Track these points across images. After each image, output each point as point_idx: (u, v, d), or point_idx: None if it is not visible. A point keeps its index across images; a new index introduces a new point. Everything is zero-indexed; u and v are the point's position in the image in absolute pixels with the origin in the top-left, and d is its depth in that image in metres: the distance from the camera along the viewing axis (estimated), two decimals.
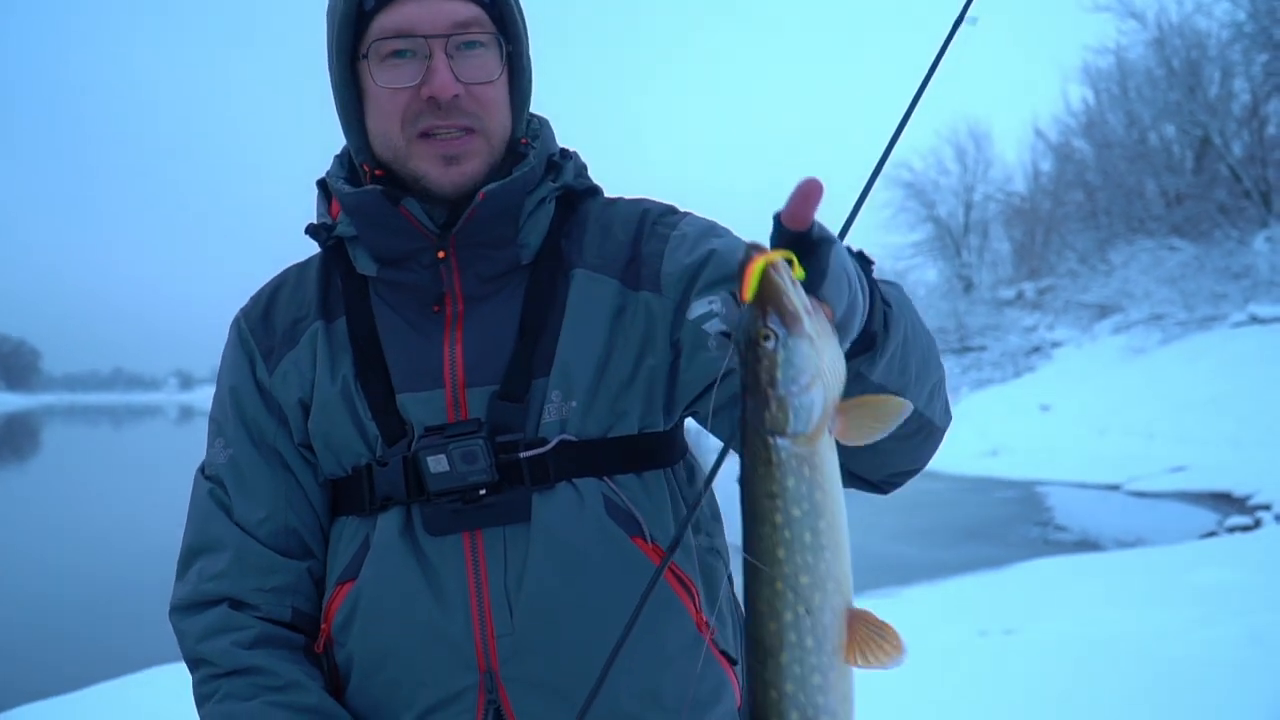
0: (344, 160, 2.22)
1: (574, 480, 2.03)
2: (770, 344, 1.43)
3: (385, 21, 2.01)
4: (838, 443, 1.56)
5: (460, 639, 1.99)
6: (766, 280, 1.42)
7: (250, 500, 2.15)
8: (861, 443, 1.50)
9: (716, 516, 2.27)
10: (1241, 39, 46.35)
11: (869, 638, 1.48)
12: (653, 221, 2.20)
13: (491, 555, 2.00)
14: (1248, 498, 19.13)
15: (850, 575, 1.50)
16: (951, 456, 28.88)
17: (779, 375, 1.43)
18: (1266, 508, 17.73)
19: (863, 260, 1.70)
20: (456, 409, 2.04)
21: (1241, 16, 45.52)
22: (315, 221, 2.23)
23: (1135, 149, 54.53)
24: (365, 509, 2.08)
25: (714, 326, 1.88)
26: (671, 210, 2.24)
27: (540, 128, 2.23)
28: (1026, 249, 69.57)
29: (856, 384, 1.69)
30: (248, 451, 2.18)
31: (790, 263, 1.45)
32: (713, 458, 2.08)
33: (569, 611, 1.99)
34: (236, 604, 2.11)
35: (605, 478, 2.06)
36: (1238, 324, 35.01)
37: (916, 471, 2.08)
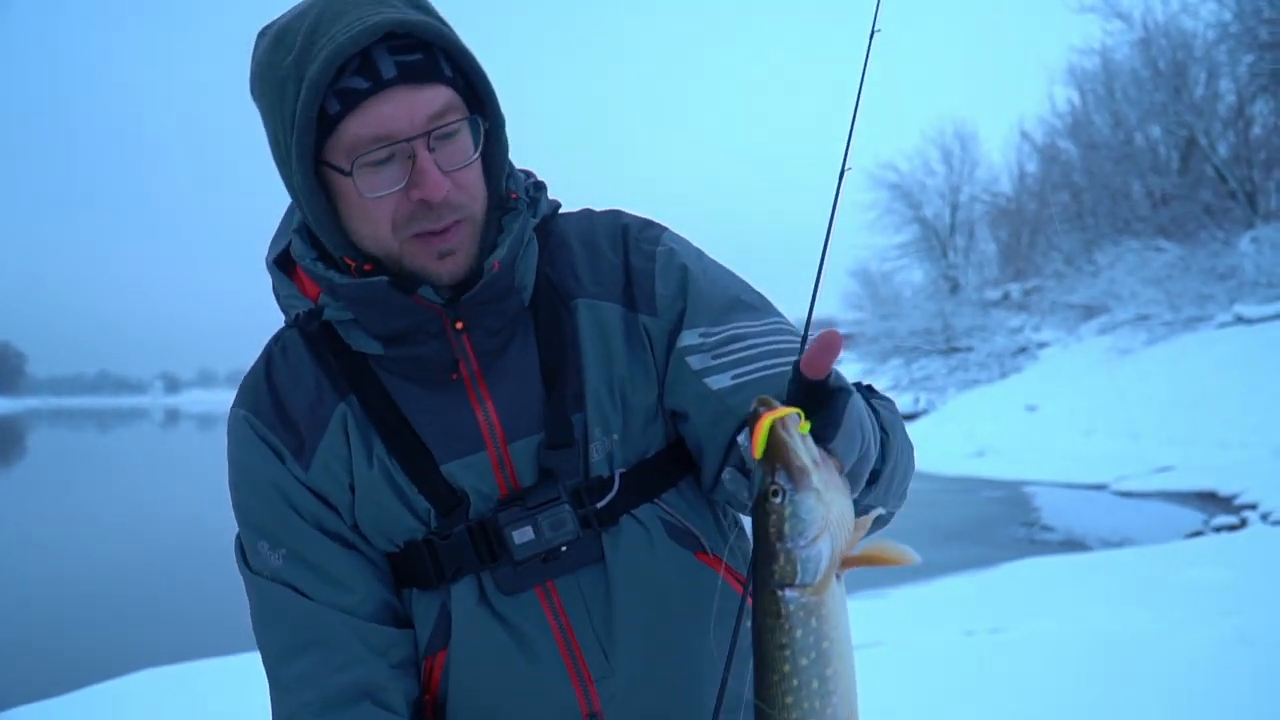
0: (305, 236, 2.07)
1: (633, 512, 2.04)
2: (778, 499, 1.46)
3: (358, 129, 1.85)
4: None
5: (559, 689, 2.00)
6: (773, 437, 1.46)
7: (336, 587, 2.04)
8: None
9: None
10: (1227, 39, 46.47)
11: None
12: (635, 236, 2.16)
13: (569, 602, 2.01)
14: (1234, 497, 19.16)
15: (857, 713, 1.54)
16: (938, 457, 28.99)
17: (786, 529, 1.47)
18: (1253, 507, 17.76)
19: (869, 389, 1.77)
20: (503, 467, 2.01)
21: (1227, 17, 45.66)
22: (282, 304, 2.11)
23: (1121, 150, 54.65)
24: (432, 582, 2.04)
25: (736, 469, 1.82)
26: (649, 224, 2.21)
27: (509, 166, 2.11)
28: (1012, 250, 69.75)
29: None
30: (314, 542, 2.06)
31: (800, 416, 1.48)
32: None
33: (663, 642, 2.01)
34: (378, 698, 2.01)
35: (655, 500, 2.07)
36: (1223, 324, 35.10)
37: None
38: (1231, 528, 16.41)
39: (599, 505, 2.00)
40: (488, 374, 2.04)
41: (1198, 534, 16.23)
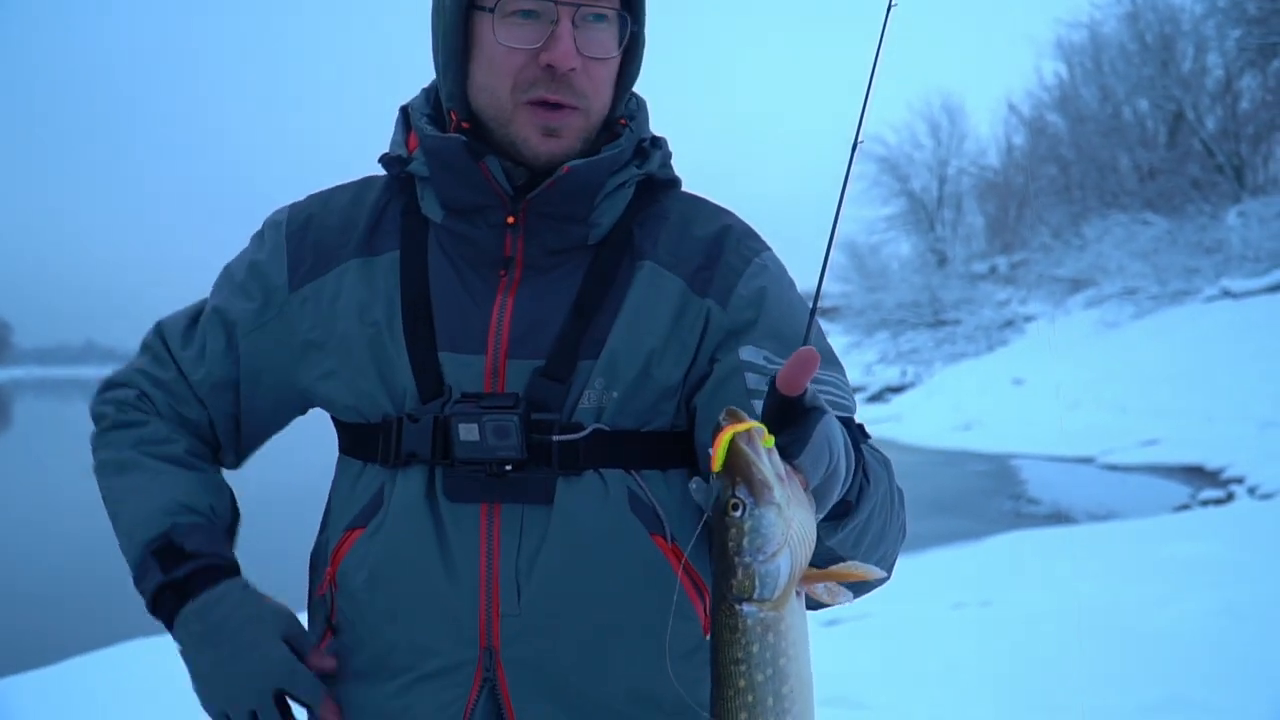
0: (430, 96, 2.16)
1: (601, 470, 2.01)
2: (738, 513, 1.44)
3: None
4: None
5: (465, 613, 1.97)
6: (734, 451, 1.44)
7: (198, 358, 2.22)
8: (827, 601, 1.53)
9: None
10: (1215, 14, 46.51)
11: None
12: (736, 239, 2.15)
13: (507, 532, 1.98)
14: (1220, 471, 19.26)
15: None
16: (925, 430, 29.05)
17: (745, 544, 1.44)
18: (1239, 481, 17.86)
19: (860, 430, 1.74)
20: (495, 378, 2.00)
21: None
22: (390, 148, 2.18)
23: (1109, 123, 54.67)
24: (389, 460, 2.04)
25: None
26: (753, 234, 2.20)
27: (638, 109, 2.18)
28: (1000, 223, 69.80)
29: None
30: (217, 330, 2.21)
31: (764, 430, 1.46)
32: None
33: (578, 600, 1.97)
34: (145, 396, 2.24)
35: (632, 471, 2.04)
36: (1210, 298, 35.21)
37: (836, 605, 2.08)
38: (1218, 501, 16.49)
39: (555, 438, 1.98)
40: (523, 285, 2.05)
41: (1184, 507, 16.30)
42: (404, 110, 2.19)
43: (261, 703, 2.01)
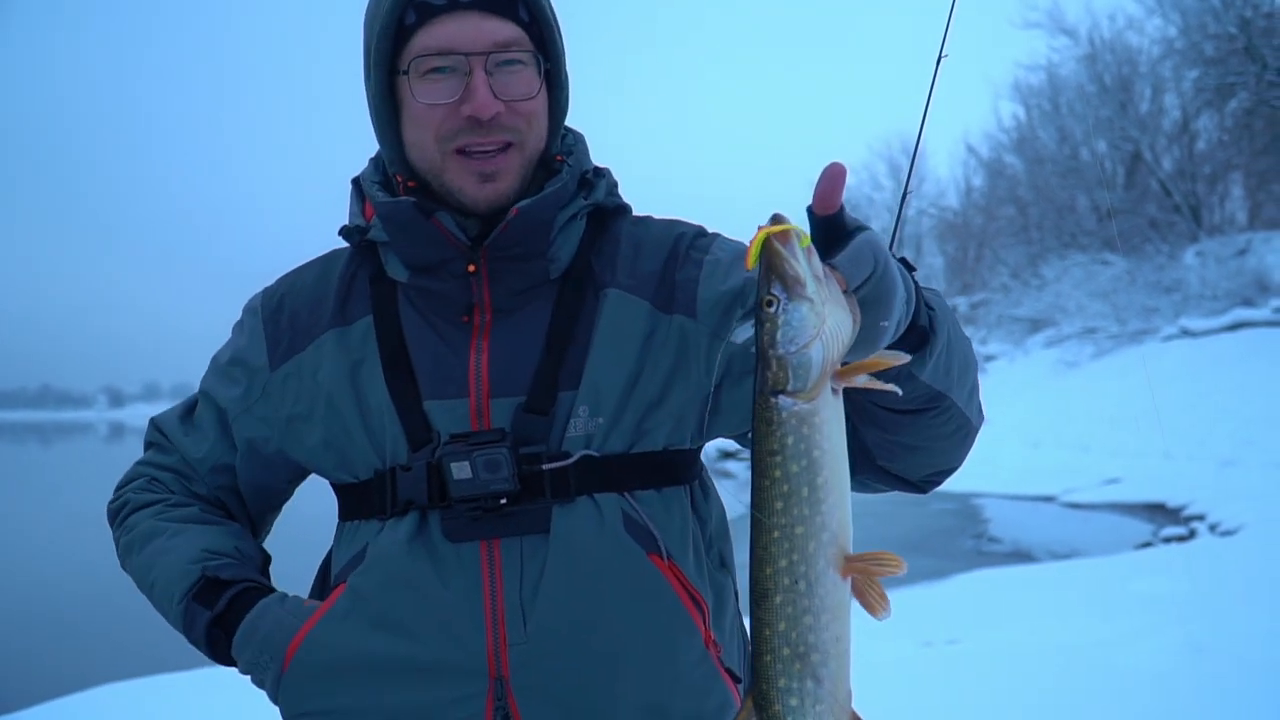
0: (379, 164, 2.24)
1: (594, 495, 2.06)
2: (772, 309, 1.51)
3: (426, 39, 2.02)
4: (873, 451, 1.87)
5: (473, 644, 2.02)
6: (768, 248, 1.51)
7: (197, 442, 2.36)
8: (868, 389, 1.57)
9: (726, 533, 2.29)
10: (1172, 55, 46.92)
11: (867, 569, 1.57)
12: (687, 246, 2.21)
13: (508, 564, 2.03)
14: (1181, 509, 19.34)
15: (849, 526, 1.57)
16: None
17: (779, 337, 1.51)
18: (1200, 518, 17.93)
19: (905, 264, 1.76)
20: (480, 418, 2.07)
21: (1173, 32, 46.11)
22: (349, 219, 2.25)
23: (1067, 164, 54.95)
24: (385, 512, 2.10)
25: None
26: (702, 233, 2.26)
27: (575, 143, 2.24)
28: (959, 264, 70.12)
29: (908, 385, 1.77)
30: (211, 415, 2.34)
31: (800, 232, 1.52)
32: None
33: (582, 624, 2.02)
34: (155, 480, 2.39)
35: (626, 494, 2.08)
36: (1169, 337, 35.40)
37: (953, 471, 2.13)
38: (1180, 539, 16.54)
39: (545, 467, 2.03)
40: (495, 328, 2.12)
41: (1147, 545, 16.36)
42: (355, 182, 2.26)
43: None
